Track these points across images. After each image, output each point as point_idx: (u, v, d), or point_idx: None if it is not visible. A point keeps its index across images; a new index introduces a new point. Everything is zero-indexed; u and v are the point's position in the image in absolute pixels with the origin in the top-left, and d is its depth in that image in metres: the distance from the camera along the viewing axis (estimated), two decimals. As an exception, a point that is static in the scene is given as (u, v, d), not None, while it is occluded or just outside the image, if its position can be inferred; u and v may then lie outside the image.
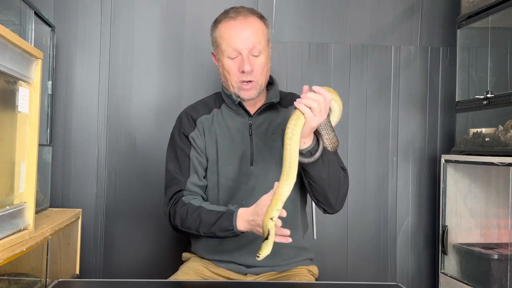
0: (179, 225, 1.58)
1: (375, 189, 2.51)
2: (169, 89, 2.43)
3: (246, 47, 1.58)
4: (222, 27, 1.62)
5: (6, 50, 1.30)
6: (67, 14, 2.37)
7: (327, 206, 1.59)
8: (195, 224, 1.53)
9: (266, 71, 1.64)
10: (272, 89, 1.72)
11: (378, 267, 2.51)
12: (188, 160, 1.64)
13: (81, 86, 2.39)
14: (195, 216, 1.54)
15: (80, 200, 2.36)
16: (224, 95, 1.69)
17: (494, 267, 2.09)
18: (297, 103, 1.39)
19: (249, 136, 1.65)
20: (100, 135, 2.38)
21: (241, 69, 1.58)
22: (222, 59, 1.62)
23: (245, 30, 1.59)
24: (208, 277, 1.64)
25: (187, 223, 1.55)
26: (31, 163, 1.47)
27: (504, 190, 2.19)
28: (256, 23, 1.62)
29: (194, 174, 1.64)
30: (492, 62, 2.23)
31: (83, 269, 2.27)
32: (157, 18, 2.43)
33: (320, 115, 1.39)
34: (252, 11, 1.64)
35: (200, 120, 1.68)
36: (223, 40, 1.61)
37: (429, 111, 2.55)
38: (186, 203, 1.57)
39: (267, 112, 1.68)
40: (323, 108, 1.39)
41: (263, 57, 1.61)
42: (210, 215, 1.51)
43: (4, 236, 1.32)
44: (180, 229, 1.59)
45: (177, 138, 1.68)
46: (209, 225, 1.51)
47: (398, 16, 2.54)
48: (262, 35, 1.62)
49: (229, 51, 1.59)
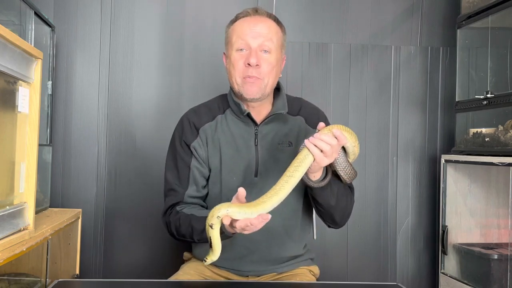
0: (175, 234, 1.57)
1: (375, 189, 2.51)
2: (169, 88, 2.43)
3: (256, 40, 1.54)
4: (237, 23, 1.59)
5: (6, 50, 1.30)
6: (67, 14, 2.37)
7: (332, 224, 1.63)
8: (188, 231, 1.52)
9: (274, 73, 1.57)
10: (279, 97, 1.64)
11: (378, 267, 2.51)
12: (188, 170, 1.60)
13: (81, 86, 2.39)
14: (186, 224, 1.51)
15: (80, 200, 2.36)
16: (232, 101, 1.62)
17: (494, 267, 2.09)
18: (308, 143, 1.33)
19: (255, 146, 1.59)
20: (100, 134, 2.38)
21: (247, 61, 1.53)
22: (231, 53, 1.57)
23: (258, 24, 1.56)
24: (209, 277, 1.64)
25: (181, 232, 1.54)
26: (31, 163, 1.47)
27: (504, 190, 2.19)
28: (271, 23, 1.59)
29: (193, 185, 1.60)
30: (492, 62, 2.23)
31: (83, 269, 2.27)
32: (157, 17, 2.43)
33: (331, 157, 1.36)
34: (270, 15, 1.61)
35: (203, 129, 1.61)
36: (235, 33, 1.57)
37: (429, 111, 2.55)
38: (178, 212, 1.55)
39: (274, 122, 1.62)
40: (335, 150, 1.36)
41: (273, 57, 1.55)
42: (201, 222, 1.46)
43: (4, 236, 1.32)
44: (177, 238, 1.58)
45: (178, 146, 1.63)
46: (201, 231, 1.48)
47: (398, 16, 2.54)
48: (276, 35, 1.57)
49: (239, 43, 1.55)
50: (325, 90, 2.49)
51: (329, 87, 2.50)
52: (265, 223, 1.28)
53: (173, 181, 1.61)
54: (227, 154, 1.59)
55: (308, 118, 1.66)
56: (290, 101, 1.68)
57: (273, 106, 1.63)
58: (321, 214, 1.59)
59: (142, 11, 2.41)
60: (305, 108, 1.69)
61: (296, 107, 1.67)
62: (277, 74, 1.60)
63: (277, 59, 1.58)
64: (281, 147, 1.59)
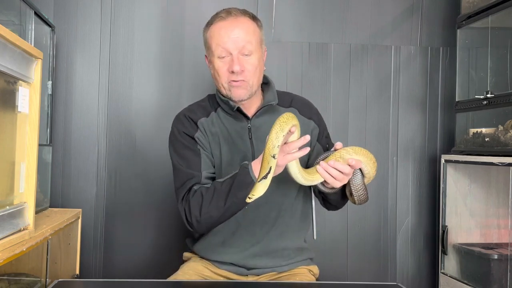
0: (198, 214, 1.48)
1: (375, 189, 2.51)
2: (169, 88, 2.42)
3: (236, 46, 1.54)
4: (213, 28, 1.59)
5: (6, 50, 1.30)
6: (67, 14, 2.37)
7: (333, 210, 1.70)
8: (213, 202, 1.45)
9: (258, 72, 1.59)
10: (269, 90, 1.67)
11: (378, 267, 2.51)
12: (199, 157, 1.58)
13: (81, 85, 2.39)
14: (210, 193, 1.47)
15: (80, 200, 2.35)
16: (220, 100, 1.63)
17: (494, 267, 2.09)
18: (320, 169, 1.40)
19: (249, 139, 1.62)
20: (100, 134, 2.38)
21: (230, 69, 1.54)
22: (213, 60, 1.58)
23: (234, 29, 1.55)
24: (208, 277, 1.64)
25: (204, 207, 1.47)
26: (31, 163, 1.47)
27: (504, 190, 2.19)
28: (247, 23, 1.58)
29: (206, 168, 1.57)
30: (492, 62, 2.23)
31: (83, 269, 2.27)
32: (157, 17, 2.43)
33: (344, 180, 1.42)
34: (244, 12, 1.61)
35: (200, 122, 1.62)
36: (213, 40, 1.57)
37: (429, 111, 2.55)
38: (197, 189, 1.52)
39: (265, 114, 1.64)
40: (348, 174, 1.42)
41: (255, 58, 1.57)
42: (225, 183, 1.46)
43: (4, 236, 1.32)
44: (200, 220, 1.48)
45: (180, 139, 1.61)
46: (226, 193, 1.44)
47: (398, 16, 2.54)
48: (254, 35, 1.58)
49: (219, 50, 1.55)
50: (325, 90, 2.49)
51: (329, 87, 2.50)
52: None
53: (185, 171, 1.56)
54: (225, 148, 1.61)
55: (301, 109, 1.69)
56: (280, 94, 1.70)
57: (264, 99, 1.66)
58: (328, 206, 1.67)
59: (142, 11, 2.41)
60: (296, 100, 1.72)
61: (287, 100, 1.70)
62: (261, 70, 1.62)
63: (259, 57, 1.59)
64: None
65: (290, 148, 1.35)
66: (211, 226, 1.54)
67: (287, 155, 1.36)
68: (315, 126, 1.68)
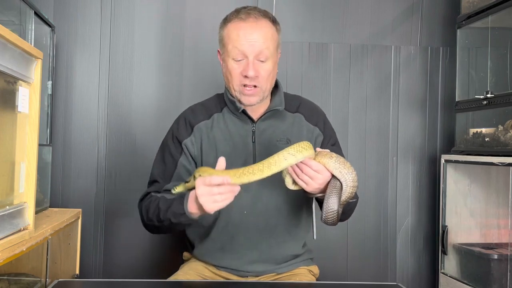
0: (145, 218, 1.57)
1: (375, 189, 2.51)
2: (169, 88, 2.43)
3: (253, 51, 1.51)
4: (231, 27, 1.54)
5: (6, 50, 1.30)
6: (67, 14, 2.37)
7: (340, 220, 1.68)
8: (155, 212, 1.51)
9: (272, 77, 1.57)
10: (277, 94, 1.64)
11: (378, 267, 2.51)
12: (175, 167, 1.61)
13: (81, 86, 2.39)
14: (155, 205, 1.53)
15: (80, 200, 2.35)
16: (228, 100, 1.62)
17: (494, 267, 2.09)
18: (294, 174, 1.39)
19: (252, 143, 1.60)
20: (100, 134, 2.38)
21: (244, 73, 1.51)
22: (227, 60, 1.55)
23: (254, 33, 1.51)
24: (208, 277, 1.64)
25: (149, 214, 1.54)
26: (31, 163, 1.47)
27: (504, 190, 2.19)
28: (267, 28, 1.54)
29: (175, 180, 1.59)
30: (492, 62, 2.23)
31: (83, 269, 2.26)
32: (157, 17, 2.43)
33: (311, 185, 1.39)
34: (265, 14, 1.56)
35: (198, 127, 1.62)
36: (230, 41, 1.53)
37: (429, 111, 2.55)
38: (152, 196, 1.58)
39: (271, 118, 1.62)
40: (318, 183, 1.38)
41: (270, 64, 1.54)
42: (167, 202, 1.49)
43: (4, 236, 1.32)
44: (147, 225, 1.60)
45: (169, 142, 1.64)
46: (164, 211, 1.48)
47: (398, 16, 2.54)
48: (272, 40, 1.54)
49: (235, 53, 1.52)
50: (325, 90, 2.49)
51: (329, 87, 2.50)
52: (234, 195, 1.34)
53: (158, 174, 1.64)
54: (223, 152, 1.58)
55: (307, 115, 1.67)
56: (288, 98, 1.68)
57: (271, 103, 1.63)
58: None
59: (142, 11, 2.41)
60: (304, 106, 1.69)
61: (295, 104, 1.68)
62: (275, 76, 1.60)
63: (274, 63, 1.57)
64: (279, 144, 1.59)
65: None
66: (158, 232, 1.64)
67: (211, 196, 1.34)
68: (319, 133, 1.67)
